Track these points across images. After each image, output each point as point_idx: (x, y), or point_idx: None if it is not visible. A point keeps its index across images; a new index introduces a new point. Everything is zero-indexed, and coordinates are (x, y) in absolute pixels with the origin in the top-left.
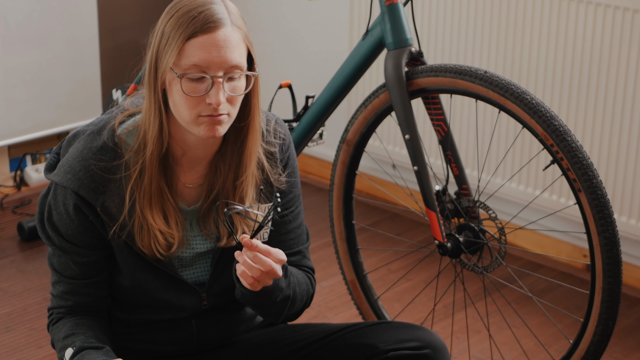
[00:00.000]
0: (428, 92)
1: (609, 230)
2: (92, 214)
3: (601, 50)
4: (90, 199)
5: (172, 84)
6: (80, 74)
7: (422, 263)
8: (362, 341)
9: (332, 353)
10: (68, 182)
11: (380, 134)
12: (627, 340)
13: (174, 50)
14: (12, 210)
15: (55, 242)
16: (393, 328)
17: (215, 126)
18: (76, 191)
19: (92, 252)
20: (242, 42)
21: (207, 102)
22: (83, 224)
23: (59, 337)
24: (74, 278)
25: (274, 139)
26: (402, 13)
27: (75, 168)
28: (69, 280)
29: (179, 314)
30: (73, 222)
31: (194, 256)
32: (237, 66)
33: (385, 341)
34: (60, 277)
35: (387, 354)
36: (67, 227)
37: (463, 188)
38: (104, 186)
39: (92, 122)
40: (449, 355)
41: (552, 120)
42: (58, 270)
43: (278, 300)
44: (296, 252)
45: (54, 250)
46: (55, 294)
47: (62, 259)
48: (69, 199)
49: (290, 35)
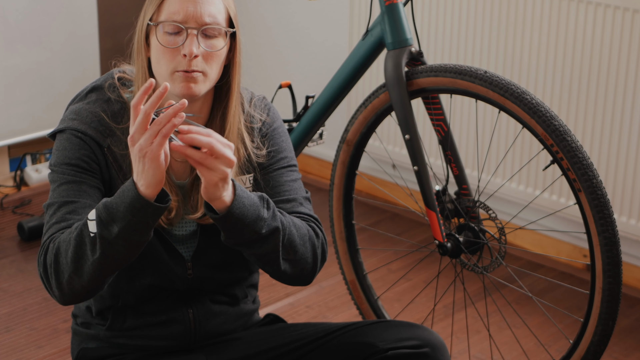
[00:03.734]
0: (428, 92)
1: (609, 230)
2: (99, 152)
3: (601, 50)
4: (98, 138)
5: (152, 42)
6: (80, 73)
7: (422, 263)
8: (361, 340)
9: (331, 352)
10: (75, 124)
11: (380, 134)
12: (627, 340)
13: (154, 6)
14: (12, 210)
15: (60, 173)
16: (392, 327)
17: (189, 83)
18: (84, 131)
19: (95, 179)
20: (221, 2)
21: (182, 54)
22: (87, 154)
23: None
24: (77, 197)
25: (254, 112)
26: (402, 13)
27: (82, 114)
28: (72, 200)
29: (166, 281)
30: (79, 150)
31: (183, 235)
32: (213, 22)
33: (385, 340)
34: (60, 201)
35: (386, 352)
36: (73, 154)
37: (463, 188)
38: (110, 130)
39: (87, 85)
40: (448, 354)
41: (552, 120)
42: (59, 198)
43: (264, 232)
44: (290, 199)
45: (59, 182)
46: (51, 222)
47: (65, 185)
48: (77, 134)
49: (290, 35)
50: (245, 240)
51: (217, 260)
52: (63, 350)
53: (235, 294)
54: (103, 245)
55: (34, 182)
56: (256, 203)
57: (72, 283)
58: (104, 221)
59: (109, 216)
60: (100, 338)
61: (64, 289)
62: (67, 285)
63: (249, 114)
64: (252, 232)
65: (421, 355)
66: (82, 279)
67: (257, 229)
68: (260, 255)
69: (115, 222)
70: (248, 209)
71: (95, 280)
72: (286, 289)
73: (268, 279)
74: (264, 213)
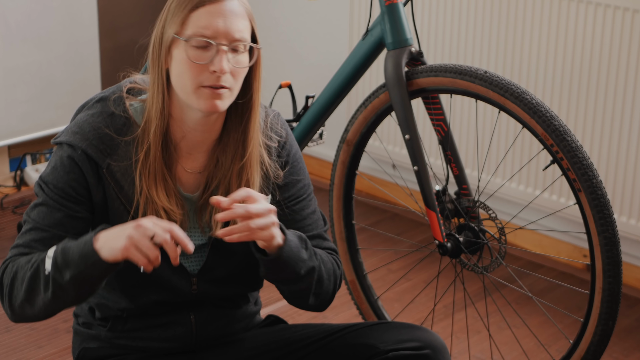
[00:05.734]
0: (428, 92)
1: (609, 230)
2: (93, 174)
3: (601, 50)
4: (97, 158)
5: (176, 54)
6: (80, 74)
7: (422, 263)
8: (362, 341)
9: (332, 353)
10: (76, 141)
11: (380, 134)
12: (627, 340)
13: (179, 19)
14: (12, 210)
15: (45, 192)
16: (393, 328)
17: (215, 100)
18: (84, 149)
19: (79, 207)
20: (247, 18)
21: (211, 70)
22: (77, 179)
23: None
24: (50, 227)
25: (271, 132)
26: (402, 13)
27: (84, 129)
28: (45, 228)
29: (170, 296)
30: (68, 174)
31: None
32: (241, 38)
33: (386, 341)
34: (34, 225)
35: (387, 354)
36: (61, 177)
37: (463, 188)
38: (112, 149)
39: (98, 93)
40: (449, 355)
41: (552, 120)
42: (35, 219)
43: (302, 273)
44: (315, 236)
45: (41, 201)
46: (19, 243)
47: (45, 208)
48: (72, 154)
49: (290, 35)
50: (283, 278)
51: (224, 276)
52: (63, 350)
53: (237, 298)
54: (54, 286)
55: (34, 182)
56: (298, 245)
57: (23, 309)
58: (59, 265)
59: (63, 261)
60: (101, 339)
61: (15, 311)
62: (18, 309)
63: (265, 132)
64: (292, 272)
65: (422, 357)
66: (33, 309)
67: (297, 269)
68: (293, 291)
69: (69, 268)
70: (294, 251)
71: (45, 313)
72: None
73: None
74: (304, 254)
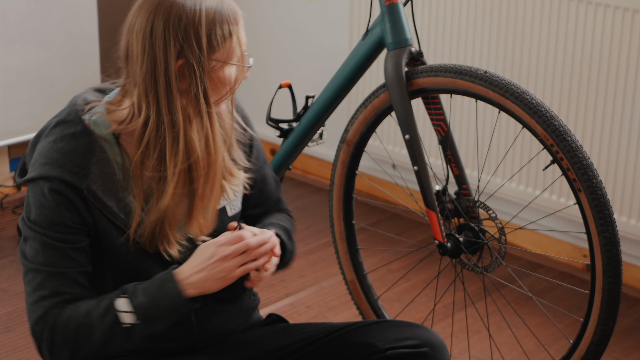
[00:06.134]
0: (428, 92)
1: (609, 230)
2: (78, 198)
3: (601, 50)
4: (75, 182)
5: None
6: (80, 74)
7: (422, 263)
8: (361, 340)
9: (331, 352)
10: (49, 172)
11: (380, 134)
12: (627, 340)
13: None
14: (12, 210)
15: (40, 233)
16: (392, 327)
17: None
18: (60, 177)
19: (80, 236)
20: None
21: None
22: (67, 208)
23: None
24: (67, 266)
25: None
26: (402, 13)
27: (52, 157)
28: (63, 271)
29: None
30: (58, 207)
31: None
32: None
33: (384, 340)
34: (49, 270)
35: (386, 352)
36: (52, 213)
37: (463, 188)
38: (85, 169)
39: (51, 119)
40: (448, 353)
41: (552, 120)
42: (47, 264)
43: (287, 259)
44: (277, 200)
45: (40, 244)
46: (45, 294)
47: (51, 251)
48: (52, 186)
49: (290, 35)
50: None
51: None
52: None
53: (234, 289)
54: (144, 336)
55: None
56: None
57: (89, 358)
58: (148, 319)
59: (155, 315)
60: None
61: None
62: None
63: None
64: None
65: (420, 355)
66: (103, 356)
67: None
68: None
69: (161, 320)
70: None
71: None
72: (286, 288)
73: (267, 279)
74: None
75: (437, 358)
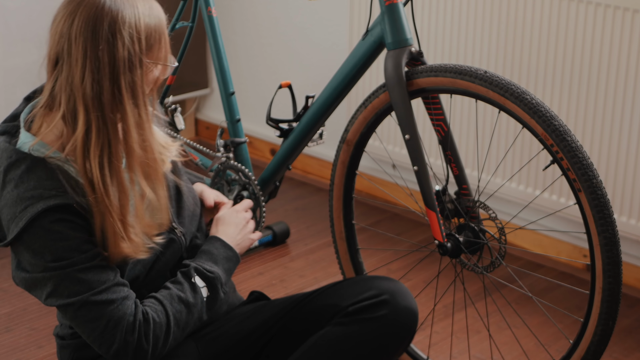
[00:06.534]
0: (428, 92)
1: (609, 230)
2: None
3: (601, 50)
4: (62, 202)
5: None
6: None
7: (422, 263)
8: (326, 302)
9: (302, 319)
10: (36, 209)
11: (380, 134)
12: (627, 340)
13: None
14: None
15: (70, 265)
16: (353, 283)
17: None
18: (47, 207)
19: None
20: None
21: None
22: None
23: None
24: (109, 279)
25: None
26: (402, 13)
27: (27, 197)
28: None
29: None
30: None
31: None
32: None
33: (346, 297)
34: (101, 292)
35: (347, 309)
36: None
37: (463, 188)
38: (61, 188)
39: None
40: (410, 297)
41: (552, 120)
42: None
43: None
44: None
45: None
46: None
47: (90, 273)
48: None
49: (290, 35)
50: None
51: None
52: None
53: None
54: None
55: None
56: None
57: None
58: (225, 282)
59: (227, 278)
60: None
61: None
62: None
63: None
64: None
65: (380, 303)
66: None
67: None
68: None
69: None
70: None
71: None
72: (286, 288)
73: (267, 279)
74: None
75: (397, 302)
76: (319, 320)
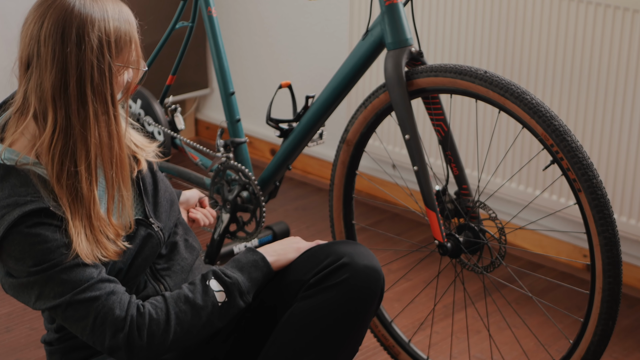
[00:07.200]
0: (428, 92)
1: (609, 230)
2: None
3: (601, 50)
4: (37, 206)
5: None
6: None
7: (422, 263)
8: (290, 279)
9: (271, 300)
10: (12, 217)
11: (380, 134)
12: (627, 340)
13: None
14: None
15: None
16: (312, 255)
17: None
18: (23, 213)
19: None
20: None
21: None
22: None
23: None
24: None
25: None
26: (402, 13)
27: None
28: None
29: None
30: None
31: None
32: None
33: (307, 270)
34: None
35: (309, 281)
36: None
37: (463, 188)
38: (36, 193)
39: None
40: (370, 255)
41: (552, 120)
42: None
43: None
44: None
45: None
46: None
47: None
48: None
49: (291, 35)
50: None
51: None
52: None
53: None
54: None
55: None
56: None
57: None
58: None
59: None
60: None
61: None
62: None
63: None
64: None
65: (340, 267)
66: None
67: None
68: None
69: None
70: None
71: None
72: None
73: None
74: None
75: (356, 263)
76: (288, 299)
